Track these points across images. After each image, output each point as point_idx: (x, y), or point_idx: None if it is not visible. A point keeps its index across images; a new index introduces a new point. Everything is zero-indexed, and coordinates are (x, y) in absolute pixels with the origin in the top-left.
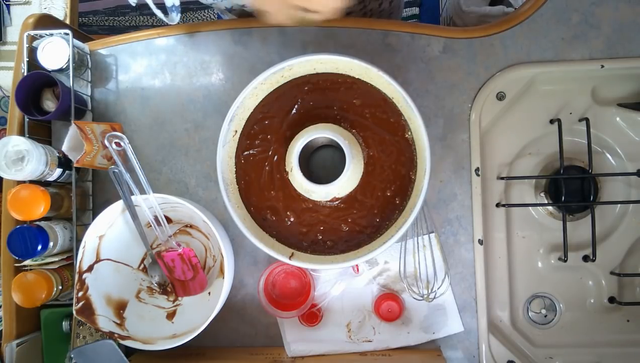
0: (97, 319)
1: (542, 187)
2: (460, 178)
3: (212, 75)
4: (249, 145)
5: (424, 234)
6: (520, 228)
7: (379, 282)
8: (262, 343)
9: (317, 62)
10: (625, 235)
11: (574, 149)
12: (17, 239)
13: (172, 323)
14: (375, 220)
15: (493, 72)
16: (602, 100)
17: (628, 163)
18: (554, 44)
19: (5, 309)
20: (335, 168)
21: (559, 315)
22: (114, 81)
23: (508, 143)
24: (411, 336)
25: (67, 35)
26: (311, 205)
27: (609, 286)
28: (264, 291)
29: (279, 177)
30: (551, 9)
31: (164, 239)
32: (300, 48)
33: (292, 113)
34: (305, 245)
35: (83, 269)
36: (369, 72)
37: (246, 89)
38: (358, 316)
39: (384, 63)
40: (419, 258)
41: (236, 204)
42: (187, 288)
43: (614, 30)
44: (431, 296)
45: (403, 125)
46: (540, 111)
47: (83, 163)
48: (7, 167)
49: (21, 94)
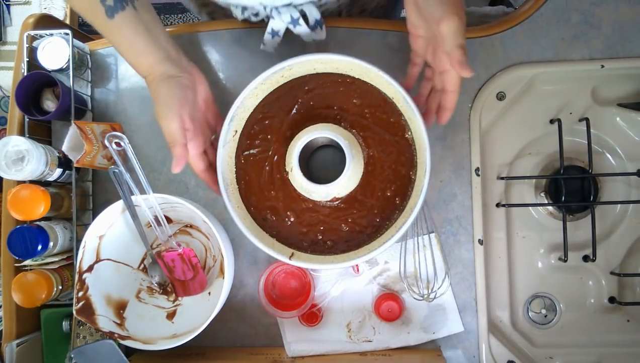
0: (97, 319)
1: (542, 187)
2: (460, 178)
3: (212, 75)
4: (249, 145)
5: (424, 234)
6: (520, 228)
7: (379, 282)
8: (262, 343)
9: (317, 62)
10: (625, 235)
11: (574, 149)
12: (17, 239)
13: (172, 323)
14: (375, 220)
15: (493, 72)
16: (602, 100)
17: (628, 163)
18: (554, 44)
19: (5, 309)
20: (335, 168)
21: (559, 315)
22: (114, 81)
23: (508, 143)
24: (411, 336)
25: (67, 35)
26: (311, 205)
27: (609, 286)
28: (264, 291)
29: (279, 177)
30: (551, 9)
31: (164, 239)
32: (300, 48)
33: (292, 113)
34: (305, 245)
35: (83, 269)
36: (369, 72)
37: (246, 89)
38: (358, 317)
39: (384, 63)
40: (419, 258)
41: (236, 204)
42: (187, 288)
43: (614, 30)
44: (431, 297)
45: (403, 125)
46: (540, 111)
47: (83, 163)
48: (7, 167)
49: (21, 94)
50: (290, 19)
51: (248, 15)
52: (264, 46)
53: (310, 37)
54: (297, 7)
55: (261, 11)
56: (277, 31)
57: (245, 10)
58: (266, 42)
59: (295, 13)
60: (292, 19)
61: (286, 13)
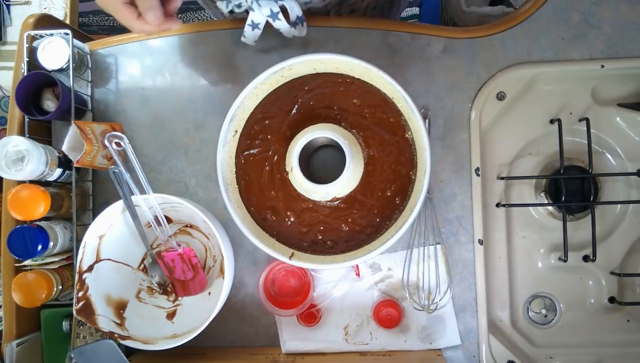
0: (97, 319)
1: (542, 187)
2: (460, 178)
3: (212, 75)
4: (249, 145)
5: (430, 244)
6: (520, 228)
7: (381, 288)
8: (262, 343)
9: (317, 62)
10: (625, 235)
11: (574, 149)
12: (17, 239)
13: (172, 323)
14: (375, 220)
15: (493, 72)
16: (602, 100)
17: (628, 163)
18: (554, 44)
19: (5, 309)
20: (335, 168)
21: (559, 315)
22: (114, 81)
23: (508, 143)
24: (408, 344)
25: (67, 35)
26: (311, 205)
27: (609, 286)
28: (263, 288)
29: (279, 177)
30: (551, 9)
31: (164, 239)
32: (300, 48)
33: (292, 113)
34: (305, 245)
35: (83, 269)
36: (369, 72)
37: (246, 89)
38: (356, 320)
39: (384, 63)
40: (423, 268)
41: (236, 204)
42: (187, 288)
43: (614, 30)
44: (432, 307)
45: (403, 125)
46: (540, 111)
47: (83, 163)
48: (7, 167)
49: (21, 94)
50: (270, 13)
51: (232, 7)
52: (245, 37)
53: (290, 33)
54: (278, 2)
55: (243, 2)
56: (257, 24)
57: (230, 3)
58: (246, 34)
59: (275, 7)
60: (272, 13)
61: (266, 7)
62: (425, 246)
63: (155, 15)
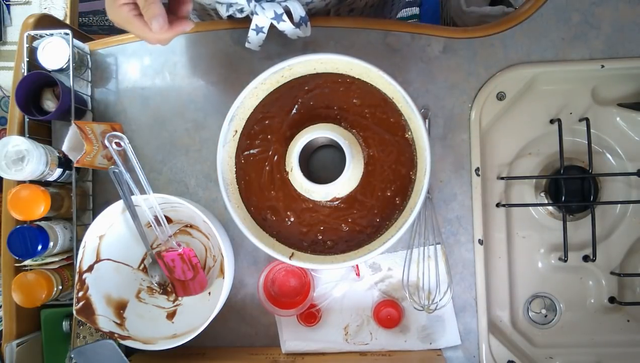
0: (97, 319)
1: (542, 187)
2: (460, 178)
3: (212, 75)
4: (249, 145)
5: (430, 244)
6: (520, 228)
7: (381, 288)
8: (262, 343)
9: (317, 62)
10: (625, 235)
11: (574, 149)
12: (17, 239)
13: (172, 323)
14: (375, 220)
15: (493, 72)
16: (602, 100)
17: (628, 163)
18: (554, 44)
19: (5, 309)
20: (335, 168)
21: (559, 315)
22: (114, 81)
23: (508, 143)
24: (408, 344)
25: (67, 35)
26: (311, 205)
27: (609, 286)
28: (263, 287)
29: (279, 177)
30: (551, 9)
31: (164, 239)
32: (300, 48)
33: (292, 113)
34: (305, 245)
35: (83, 269)
36: (369, 72)
37: (246, 89)
38: (356, 320)
39: (384, 63)
40: (423, 268)
41: (236, 204)
42: (187, 288)
43: (614, 30)
44: (431, 307)
45: (403, 125)
46: (540, 111)
47: (83, 163)
48: (7, 167)
49: (21, 94)
50: (274, 15)
51: (233, 12)
52: (249, 43)
53: (295, 34)
54: (281, 4)
55: (246, 7)
56: (262, 27)
57: (230, 7)
58: (251, 39)
59: (279, 9)
60: (276, 15)
61: (270, 9)
62: (425, 246)
63: (159, 23)
